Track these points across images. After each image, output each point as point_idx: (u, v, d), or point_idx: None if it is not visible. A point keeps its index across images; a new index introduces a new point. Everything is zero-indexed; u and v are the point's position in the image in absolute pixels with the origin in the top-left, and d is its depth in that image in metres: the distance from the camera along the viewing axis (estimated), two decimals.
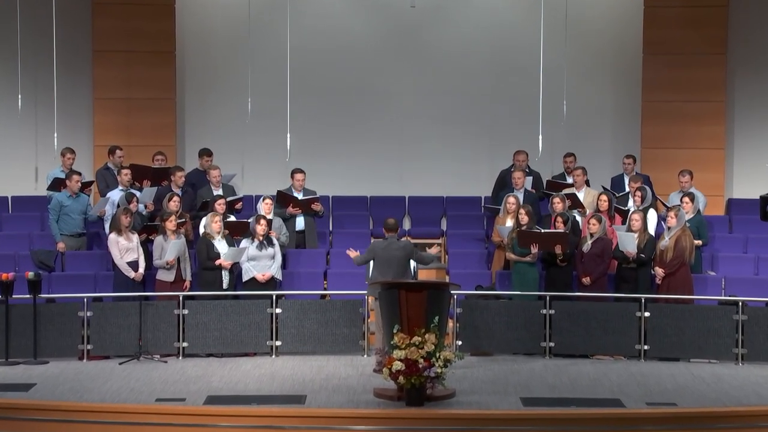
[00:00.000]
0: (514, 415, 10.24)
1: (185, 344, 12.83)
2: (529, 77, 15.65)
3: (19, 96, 15.23)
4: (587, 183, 14.96)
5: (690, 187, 14.60)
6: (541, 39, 14.74)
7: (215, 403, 10.57)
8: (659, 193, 15.06)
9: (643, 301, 12.77)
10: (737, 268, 14.18)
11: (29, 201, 15.70)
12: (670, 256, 13.11)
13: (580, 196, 14.51)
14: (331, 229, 15.67)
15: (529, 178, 15.06)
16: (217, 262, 13.17)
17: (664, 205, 14.27)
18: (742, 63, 16.53)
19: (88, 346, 12.70)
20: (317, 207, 14.60)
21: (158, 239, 13.24)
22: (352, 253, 12.83)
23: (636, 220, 13.34)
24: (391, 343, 10.61)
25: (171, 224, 13.21)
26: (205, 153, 15.39)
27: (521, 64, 16.38)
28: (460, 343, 12.91)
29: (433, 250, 12.91)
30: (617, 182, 15.25)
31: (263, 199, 13.99)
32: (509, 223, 13.91)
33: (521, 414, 10.29)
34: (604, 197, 13.98)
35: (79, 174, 14.41)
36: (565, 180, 15.05)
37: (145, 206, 14.26)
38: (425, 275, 14.40)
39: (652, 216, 14.00)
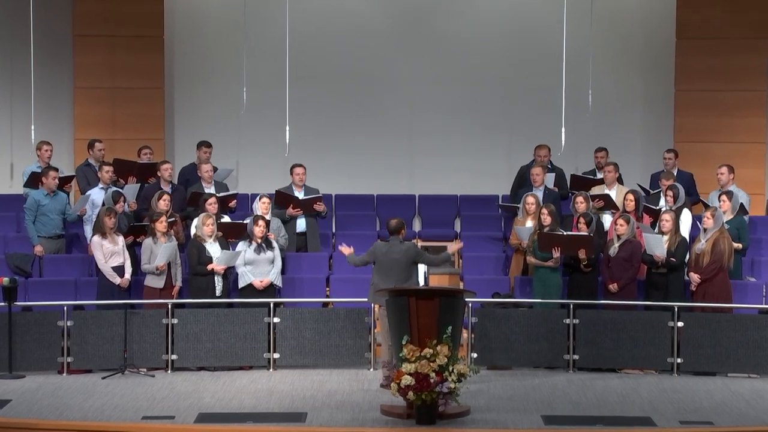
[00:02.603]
0: None
1: (174, 357, 12.86)
2: (551, 65, 15.67)
3: None
4: (620, 181, 14.91)
5: (729, 182, 14.51)
6: (564, 23, 14.74)
7: (207, 421, 10.59)
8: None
9: (676, 309, 12.76)
10: None
11: (4, 200, 15.73)
12: (706, 260, 13.06)
13: (612, 195, 14.42)
14: (334, 230, 15.68)
15: (551, 175, 15.04)
16: (209, 267, 13.17)
17: (705, 205, 14.14)
18: None
19: (69, 359, 12.72)
20: (320, 207, 14.58)
21: (147, 242, 13.24)
22: (346, 250, 12.66)
23: (666, 220, 13.29)
24: (400, 355, 10.62)
25: (161, 225, 13.20)
26: (204, 144, 15.39)
27: (542, 51, 16.41)
28: (475, 355, 12.92)
29: (453, 248, 12.86)
30: (657, 180, 15.10)
31: (260, 198, 13.97)
32: (529, 224, 13.90)
33: None
34: (630, 196, 13.91)
35: (56, 170, 14.39)
36: (596, 177, 15.00)
37: (128, 205, 14.25)
38: (437, 281, 14.41)
39: (685, 217, 13.92)
